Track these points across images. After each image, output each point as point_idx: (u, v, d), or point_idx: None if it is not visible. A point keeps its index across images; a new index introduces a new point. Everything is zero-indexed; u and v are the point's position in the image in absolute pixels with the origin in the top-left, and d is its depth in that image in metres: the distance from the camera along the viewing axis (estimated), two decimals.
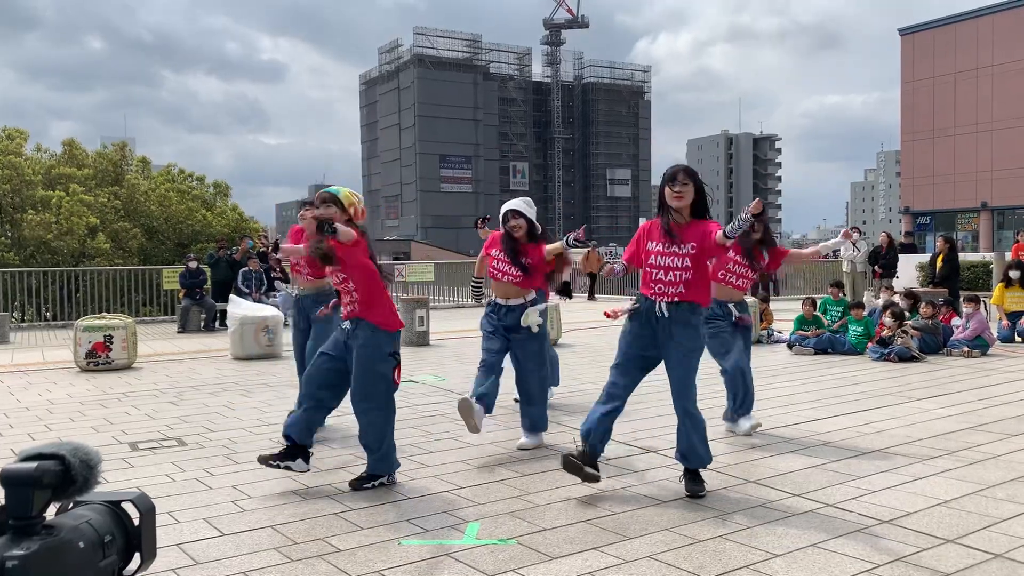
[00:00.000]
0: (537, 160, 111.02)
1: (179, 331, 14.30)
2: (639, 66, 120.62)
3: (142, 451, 5.48)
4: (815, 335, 10.42)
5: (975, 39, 42.22)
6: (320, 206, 4.61)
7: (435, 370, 9.08)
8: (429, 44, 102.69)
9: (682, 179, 4.33)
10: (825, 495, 4.32)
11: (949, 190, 43.69)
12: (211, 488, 4.58)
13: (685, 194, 4.31)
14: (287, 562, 3.46)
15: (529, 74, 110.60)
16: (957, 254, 14.89)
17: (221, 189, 27.50)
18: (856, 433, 5.76)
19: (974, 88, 42.27)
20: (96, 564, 1.07)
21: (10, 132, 24.44)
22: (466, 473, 4.83)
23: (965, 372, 8.63)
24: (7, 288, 15.99)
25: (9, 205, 22.39)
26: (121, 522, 1.14)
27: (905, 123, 45.69)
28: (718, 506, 4.16)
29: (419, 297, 14.06)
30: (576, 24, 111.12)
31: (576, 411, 6.63)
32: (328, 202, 4.62)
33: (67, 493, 1.09)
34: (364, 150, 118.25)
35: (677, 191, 4.31)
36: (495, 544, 3.64)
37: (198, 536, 3.78)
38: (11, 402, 7.39)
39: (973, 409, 6.61)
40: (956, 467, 4.85)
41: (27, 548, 0.97)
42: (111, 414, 6.80)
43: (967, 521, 3.89)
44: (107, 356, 9.36)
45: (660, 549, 3.56)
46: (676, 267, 4.32)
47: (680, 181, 4.32)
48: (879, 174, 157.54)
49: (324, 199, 4.64)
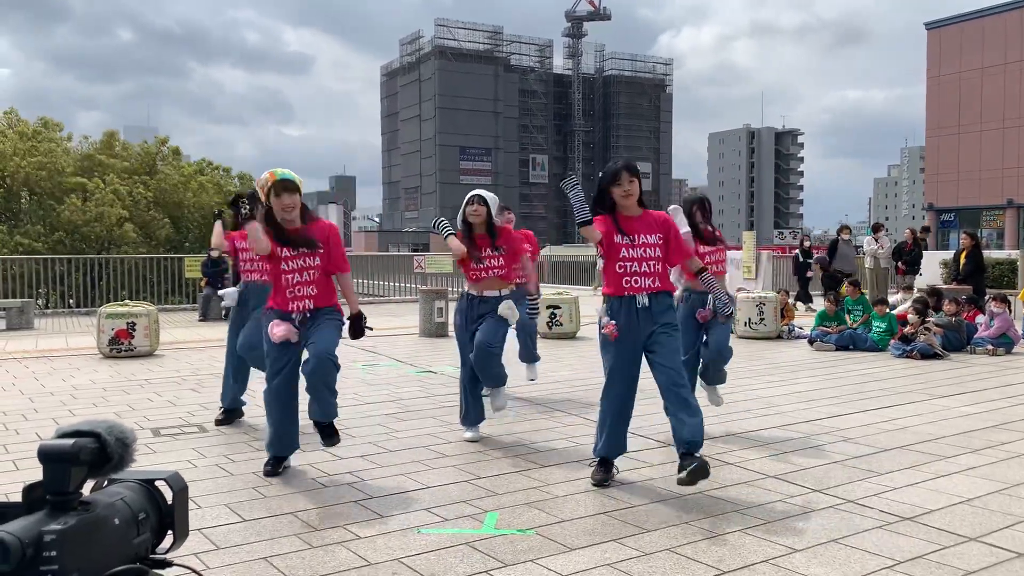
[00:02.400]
0: (557, 153, 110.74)
1: (200, 319, 14.42)
2: (661, 59, 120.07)
3: (164, 437, 5.53)
4: (837, 331, 10.34)
5: (1003, 33, 41.63)
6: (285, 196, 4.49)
7: (454, 361, 9.10)
8: (450, 36, 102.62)
9: (627, 177, 4.38)
10: (846, 491, 4.29)
11: (974, 187, 43.17)
12: (232, 475, 4.62)
13: (633, 191, 4.40)
14: (307, 548, 3.48)
15: (550, 66, 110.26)
16: (981, 251, 14.72)
17: (246, 181, 27.82)
18: (878, 430, 5.72)
19: (1001, 83, 41.71)
20: (130, 541, 1.08)
21: (47, 121, 24.86)
22: (485, 463, 4.84)
23: (989, 370, 8.54)
24: (33, 275, 16.20)
25: (42, 192, 22.76)
26: (155, 500, 1.15)
27: (930, 118, 45.17)
28: (738, 500, 4.14)
29: (438, 288, 14.09)
30: (598, 16, 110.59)
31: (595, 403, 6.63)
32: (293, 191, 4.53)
33: (102, 471, 1.11)
34: (384, 141, 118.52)
35: (626, 189, 4.37)
36: (514, 534, 3.65)
37: (220, 521, 3.82)
38: (36, 387, 7.48)
39: (997, 407, 6.54)
40: (979, 465, 4.80)
41: (64, 523, 0.99)
42: (133, 400, 6.87)
43: (990, 519, 3.85)
44: (130, 343, 9.45)
45: (679, 542, 3.56)
46: (650, 257, 4.37)
47: (627, 179, 4.37)
48: (903, 170, 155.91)
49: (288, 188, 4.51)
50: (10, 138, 23.09)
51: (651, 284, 4.38)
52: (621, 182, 4.37)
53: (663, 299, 4.43)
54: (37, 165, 22.22)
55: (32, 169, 22.13)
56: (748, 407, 6.34)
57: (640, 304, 4.36)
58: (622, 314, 4.38)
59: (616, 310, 4.40)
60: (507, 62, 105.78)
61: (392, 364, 8.88)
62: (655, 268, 4.39)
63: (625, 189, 4.37)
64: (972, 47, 42.83)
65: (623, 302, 4.39)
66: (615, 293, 4.42)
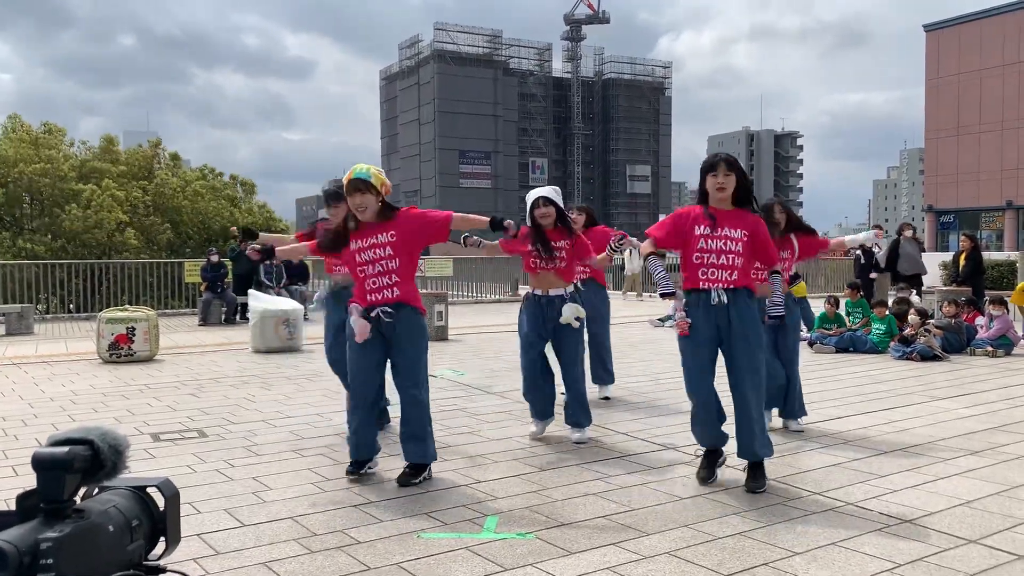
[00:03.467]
0: (557, 156, 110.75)
1: (200, 324, 14.42)
2: (660, 62, 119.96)
3: (164, 442, 5.53)
4: (836, 333, 10.34)
5: (1002, 35, 41.66)
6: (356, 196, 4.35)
7: (454, 364, 9.10)
8: (449, 40, 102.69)
9: (724, 170, 4.30)
10: (846, 493, 4.29)
11: (973, 188, 43.18)
12: (232, 479, 4.62)
13: (727, 185, 4.30)
14: (307, 553, 3.48)
15: (549, 70, 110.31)
16: (980, 253, 14.71)
17: (248, 188, 27.88)
18: (878, 432, 5.72)
19: (1000, 85, 41.73)
20: (124, 547, 1.08)
21: (49, 127, 24.88)
22: (485, 467, 4.84)
23: (989, 372, 8.54)
24: (34, 280, 16.21)
25: (47, 198, 22.79)
26: (147, 507, 1.15)
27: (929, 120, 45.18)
28: (738, 503, 4.14)
29: (438, 292, 14.09)
30: (597, 20, 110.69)
31: (594, 406, 6.63)
32: (363, 191, 4.35)
33: (96, 478, 1.11)
34: (384, 145, 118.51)
35: (720, 182, 4.28)
36: (514, 538, 3.64)
37: (219, 526, 3.82)
38: (35, 392, 7.48)
39: (997, 409, 6.54)
40: (979, 467, 4.80)
41: (60, 531, 0.99)
42: (133, 405, 6.87)
43: (990, 521, 3.85)
44: (129, 348, 9.45)
45: (679, 545, 3.55)
46: (730, 251, 4.26)
47: (722, 172, 4.29)
48: (902, 172, 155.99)
49: (359, 188, 4.35)
50: (13, 142, 23.12)
51: (729, 278, 4.27)
52: (717, 173, 4.30)
53: (743, 296, 4.30)
54: (40, 171, 22.24)
55: (35, 175, 22.15)
56: None
57: (715, 299, 4.27)
58: (698, 306, 4.30)
59: (692, 304, 4.33)
60: (506, 66, 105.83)
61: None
62: (735, 262, 4.28)
63: (720, 181, 4.29)
64: (971, 49, 42.86)
65: (699, 296, 4.32)
66: (690, 286, 4.35)
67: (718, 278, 4.27)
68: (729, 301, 4.27)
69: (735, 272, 4.29)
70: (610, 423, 6.03)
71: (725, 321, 4.28)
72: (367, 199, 4.37)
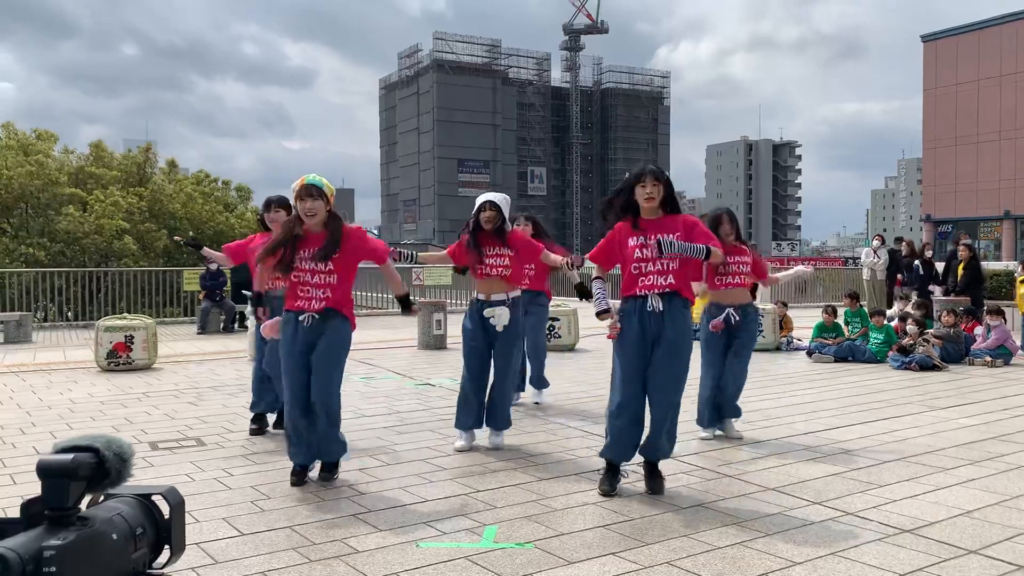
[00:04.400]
0: (555, 165, 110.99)
1: (199, 332, 14.40)
2: (658, 72, 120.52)
3: (162, 451, 5.52)
4: (835, 343, 10.34)
5: (999, 46, 41.84)
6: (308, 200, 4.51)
7: (452, 373, 9.09)
8: (448, 49, 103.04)
9: (651, 180, 4.38)
10: (845, 503, 4.28)
11: (971, 198, 43.29)
12: (230, 488, 4.61)
13: (655, 195, 4.40)
14: (305, 562, 3.47)
15: (548, 79, 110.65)
16: (979, 262, 14.72)
17: (244, 193, 27.82)
18: (877, 442, 5.72)
19: (998, 95, 41.89)
20: (128, 556, 1.08)
21: (40, 133, 24.87)
22: (483, 477, 4.83)
23: (988, 381, 8.54)
24: (31, 288, 16.19)
25: (38, 203, 22.78)
26: (152, 515, 1.15)
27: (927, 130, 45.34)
28: (737, 513, 4.13)
29: (436, 301, 14.09)
30: (596, 30, 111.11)
31: (592, 416, 6.62)
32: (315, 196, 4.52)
33: (101, 485, 1.11)
34: (383, 154, 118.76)
35: (649, 192, 4.38)
36: (512, 548, 3.64)
37: (218, 535, 3.81)
38: (33, 401, 7.47)
39: (996, 419, 6.54)
40: (979, 477, 4.80)
41: (64, 539, 0.99)
42: (131, 414, 6.86)
43: (990, 531, 3.85)
44: (128, 356, 9.44)
45: (678, 555, 3.55)
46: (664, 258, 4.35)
47: (650, 182, 4.38)
48: (900, 182, 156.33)
49: (312, 194, 4.52)
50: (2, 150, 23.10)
51: (664, 283, 4.35)
52: (645, 183, 4.38)
53: (678, 304, 4.39)
54: (29, 175, 22.21)
55: (27, 180, 22.12)
56: (747, 419, 6.33)
57: (651, 307, 4.35)
58: (632, 313, 4.39)
59: (628, 311, 4.42)
60: (505, 75, 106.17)
61: (390, 377, 8.86)
62: (670, 267, 4.37)
63: (648, 191, 4.38)
64: (968, 59, 43.05)
65: (635, 303, 4.40)
66: (627, 293, 4.45)
67: (654, 284, 4.37)
68: (664, 307, 4.36)
69: (670, 276, 4.38)
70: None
71: (658, 328, 4.36)
72: (317, 205, 4.53)
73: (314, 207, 4.52)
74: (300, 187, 4.55)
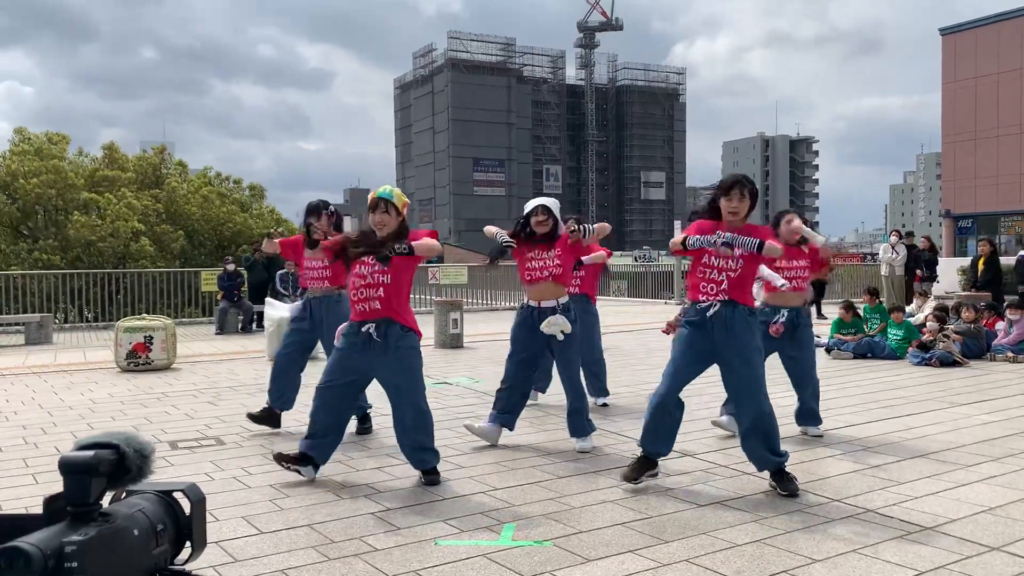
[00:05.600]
0: (571, 163, 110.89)
1: (217, 332, 14.49)
2: (674, 68, 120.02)
3: (182, 450, 5.56)
4: (854, 340, 10.27)
5: (1019, 38, 41.36)
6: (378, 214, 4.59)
7: (469, 372, 9.11)
8: (463, 48, 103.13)
9: (738, 195, 4.40)
10: (866, 500, 4.25)
11: (992, 193, 42.82)
12: (249, 487, 4.63)
13: (741, 210, 4.42)
14: (324, 560, 3.48)
15: (563, 77, 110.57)
16: (999, 257, 14.58)
17: (256, 192, 27.88)
18: (897, 438, 5.67)
19: (1018, 88, 41.40)
20: (150, 552, 1.09)
21: (52, 136, 25.04)
22: (502, 475, 4.84)
23: (1009, 377, 8.45)
24: (52, 290, 16.36)
25: (54, 208, 22.96)
26: (173, 512, 1.16)
27: (946, 125, 44.89)
28: (756, 510, 4.11)
29: (453, 300, 14.12)
30: (610, 27, 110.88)
31: (612, 415, 6.61)
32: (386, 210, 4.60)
33: (121, 482, 1.12)
34: (398, 154, 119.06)
35: (735, 207, 4.40)
36: (531, 546, 3.64)
37: (237, 534, 3.83)
38: (55, 401, 7.54)
39: (1018, 415, 6.47)
40: (1001, 473, 4.75)
41: (85, 534, 1.00)
42: (151, 413, 6.91)
43: (1013, 528, 3.81)
44: (147, 357, 9.51)
45: (697, 553, 3.53)
46: (730, 268, 4.38)
47: (737, 197, 4.40)
48: (919, 177, 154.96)
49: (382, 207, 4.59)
50: (17, 155, 23.28)
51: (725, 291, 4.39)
52: (732, 198, 4.41)
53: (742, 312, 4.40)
54: (45, 183, 22.37)
55: (42, 187, 22.28)
56: None
57: (712, 312, 4.38)
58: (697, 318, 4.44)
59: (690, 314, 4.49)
60: (520, 73, 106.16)
61: None
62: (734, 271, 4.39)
63: (734, 206, 4.41)
64: (988, 53, 42.58)
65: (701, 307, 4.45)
66: (691, 298, 4.53)
67: (717, 292, 4.40)
68: (726, 315, 4.37)
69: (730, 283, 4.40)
70: (626, 430, 6.00)
71: (723, 335, 4.38)
72: (387, 218, 4.62)
73: (383, 220, 4.61)
74: (371, 200, 4.67)
